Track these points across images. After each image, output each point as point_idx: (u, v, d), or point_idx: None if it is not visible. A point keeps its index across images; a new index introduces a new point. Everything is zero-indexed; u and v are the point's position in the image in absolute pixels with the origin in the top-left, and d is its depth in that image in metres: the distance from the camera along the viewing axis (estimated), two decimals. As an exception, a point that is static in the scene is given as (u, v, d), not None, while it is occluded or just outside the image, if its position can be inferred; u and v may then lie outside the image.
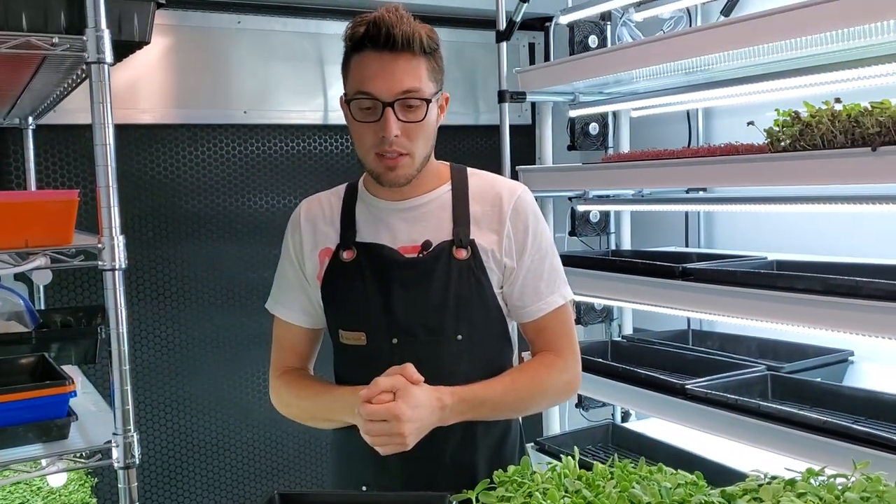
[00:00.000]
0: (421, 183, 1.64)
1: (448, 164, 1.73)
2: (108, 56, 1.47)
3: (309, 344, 1.77)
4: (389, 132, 1.51)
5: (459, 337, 1.61)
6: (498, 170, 3.01)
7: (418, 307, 1.60)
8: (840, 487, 1.30)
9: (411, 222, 1.65)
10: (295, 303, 1.73)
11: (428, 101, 1.54)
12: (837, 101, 1.94)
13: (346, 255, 1.65)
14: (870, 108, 1.84)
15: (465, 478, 1.60)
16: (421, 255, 1.61)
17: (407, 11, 1.54)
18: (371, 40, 1.50)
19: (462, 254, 1.61)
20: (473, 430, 1.63)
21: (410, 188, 1.63)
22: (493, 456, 1.67)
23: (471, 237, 1.62)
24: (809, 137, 1.96)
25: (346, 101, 1.56)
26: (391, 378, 1.45)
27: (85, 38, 1.47)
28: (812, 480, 1.35)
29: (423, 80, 1.53)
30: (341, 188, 1.75)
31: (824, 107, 1.96)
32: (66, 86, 2.00)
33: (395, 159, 1.55)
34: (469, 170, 1.73)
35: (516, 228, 1.64)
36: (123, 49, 1.61)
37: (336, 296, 1.67)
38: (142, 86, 3.07)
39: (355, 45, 1.53)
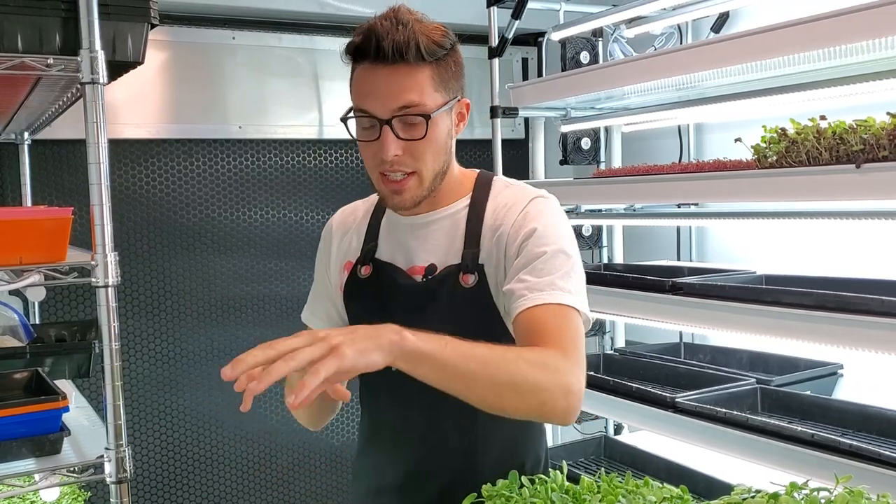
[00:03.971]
0: (439, 197, 1.51)
1: (477, 172, 1.57)
2: (103, 77, 1.50)
3: None
4: (387, 153, 1.38)
5: None
6: (491, 184, 3.04)
7: None
8: (823, 501, 1.32)
9: (423, 240, 1.53)
10: (321, 310, 1.66)
11: (427, 117, 1.38)
12: (823, 118, 1.96)
13: (364, 271, 1.56)
14: (854, 126, 1.86)
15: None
16: (424, 280, 1.50)
17: (410, 14, 1.40)
18: (364, 53, 1.38)
19: (469, 280, 1.47)
20: (474, 454, 1.54)
21: (426, 202, 1.49)
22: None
23: (480, 261, 1.47)
24: (795, 154, 1.98)
25: (344, 120, 1.44)
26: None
27: (79, 58, 1.49)
28: (795, 494, 1.36)
29: (424, 93, 1.38)
30: (374, 197, 1.64)
31: (810, 124, 1.98)
32: (61, 103, 2.02)
33: (401, 182, 1.42)
34: (496, 179, 1.56)
35: (514, 234, 1.44)
36: (117, 69, 1.64)
37: (352, 312, 1.60)
38: (137, 100, 3.09)
39: (354, 58, 1.42)
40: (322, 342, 1.10)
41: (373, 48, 1.36)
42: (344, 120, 1.44)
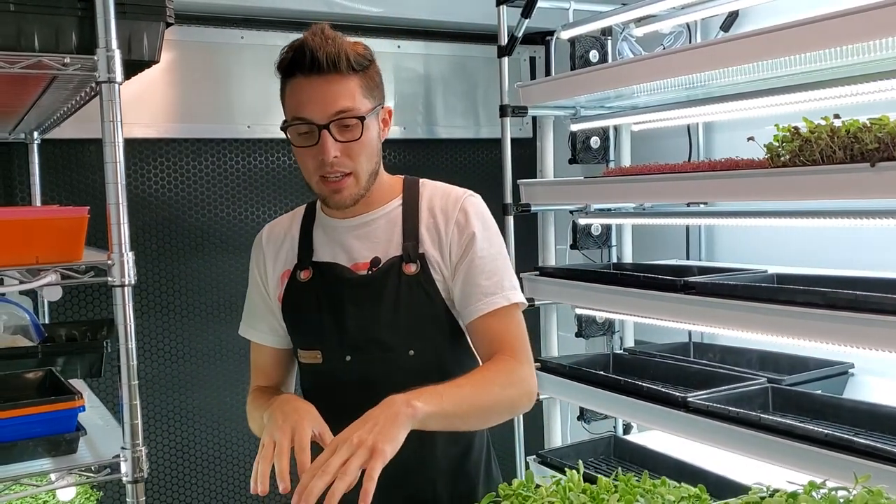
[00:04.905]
0: (371, 199, 1.65)
1: (402, 177, 1.74)
2: (119, 76, 1.50)
3: (280, 365, 1.79)
4: (328, 154, 1.52)
5: (412, 353, 1.61)
6: (499, 183, 3.04)
7: (369, 324, 1.61)
8: (842, 500, 1.31)
9: (363, 239, 1.66)
10: (263, 324, 1.76)
11: (363, 119, 1.54)
12: (836, 116, 1.95)
13: (303, 275, 1.67)
14: (868, 124, 1.85)
15: (424, 490, 1.63)
16: (370, 272, 1.63)
17: (333, 31, 1.55)
18: (298, 66, 1.52)
19: (411, 268, 1.61)
20: (432, 442, 1.63)
21: (361, 205, 1.64)
22: (454, 471, 1.68)
23: (420, 251, 1.62)
24: (809, 153, 1.98)
25: (284, 129, 1.58)
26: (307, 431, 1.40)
27: (96, 57, 1.49)
28: (814, 493, 1.36)
29: (356, 99, 1.54)
30: (301, 209, 1.79)
31: (823, 122, 1.97)
32: (73, 103, 2.02)
33: (340, 182, 1.56)
34: (422, 181, 1.73)
35: (457, 231, 1.63)
36: (133, 68, 1.64)
37: (294, 316, 1.70)
38: (145, 100, 3.09)
39: (285, 73, 1.56)
40: (361, 448, 1.28)
41: (308, 60, 1.51)
42: (284, 128, 1.57)
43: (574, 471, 1.51)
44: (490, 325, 1.60)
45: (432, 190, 1.70)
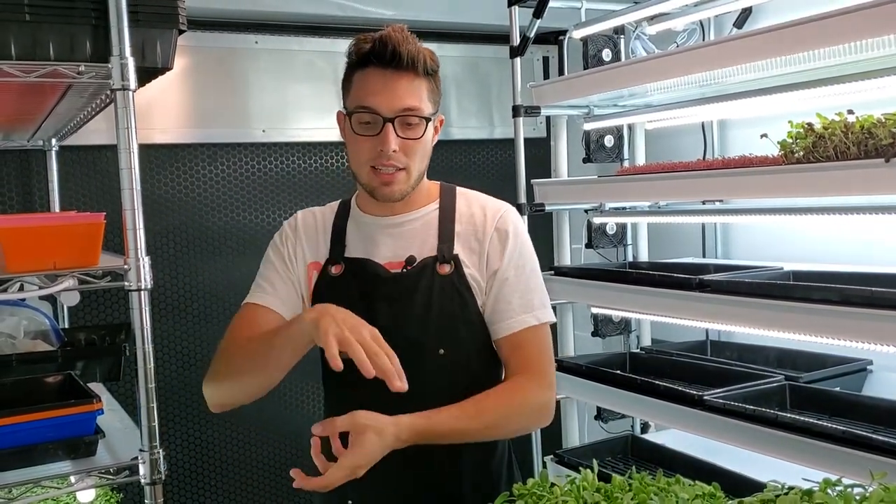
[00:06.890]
0: (411, 200, 1.69)
1: (439, 183, 1.78)
2: (133, 83, 1.52)
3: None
4: (388, 146, 1.56)
5: (442, 352, 1.63)
6: (513, 183, 3.04)
7: (401, 322, 1.63)
8: (857, 497, 1.31)
9: (397, 238, 1.69)
10: (281, 290, 1.70)
11: (427, 120, 1.60)
12: (850, 112, 1.94)
13: (335, 270, 1.69)
14: (882, 120, 1.84)
15: (449, 490, 1.66)
16: (405, 270, 1.65)
17: (412, 33, 1.59)
18: (377, 57, 1.57)
19: (445, 269, 1.64)
20: (459, 445, 1.64)
21: (400, 205, 1.68)
22: (478, 470, 1.70)
23: (454, 252, 1.65)
24: (823, 149, 1.97)
25: (347, 115, 1.62)
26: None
27: (110, 65, 1.51)
28: (829, 491, 1.35)
29: (423, 100, 1.59)
30: (335, 204, 1.80)
31: (837, 118, 1.97)
32: (89, 110, 2.04)
33: (392, 175, 1.60)
34: (458, 189, 1.77)
35: (493, 245, 1.67)
36: (147, 75, 1.66)
37: None
38: (162, 106, 3.12)
39: (360, 62, 1.60)
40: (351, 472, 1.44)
41: (388, 53, 1.55)
42: (350, 114, 1.61)
43: (588, 470, 1.51)
44: (518, 343, 1.65)
45: (469, 198, 1.74)
